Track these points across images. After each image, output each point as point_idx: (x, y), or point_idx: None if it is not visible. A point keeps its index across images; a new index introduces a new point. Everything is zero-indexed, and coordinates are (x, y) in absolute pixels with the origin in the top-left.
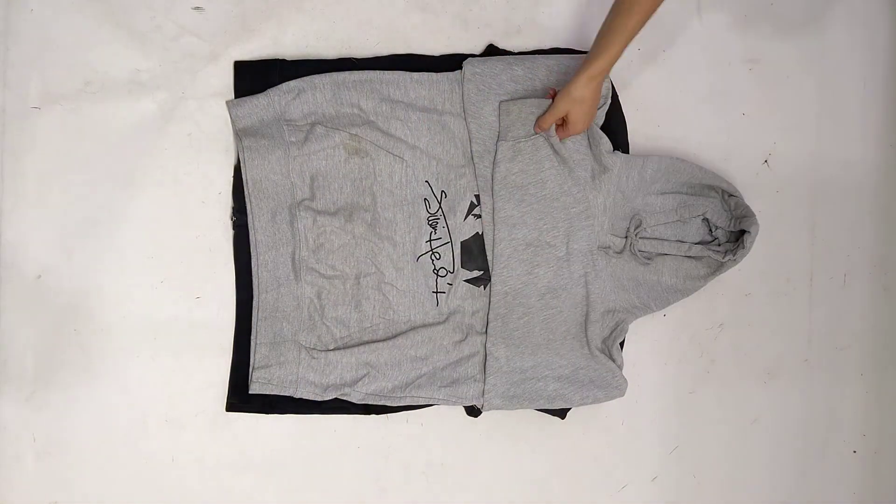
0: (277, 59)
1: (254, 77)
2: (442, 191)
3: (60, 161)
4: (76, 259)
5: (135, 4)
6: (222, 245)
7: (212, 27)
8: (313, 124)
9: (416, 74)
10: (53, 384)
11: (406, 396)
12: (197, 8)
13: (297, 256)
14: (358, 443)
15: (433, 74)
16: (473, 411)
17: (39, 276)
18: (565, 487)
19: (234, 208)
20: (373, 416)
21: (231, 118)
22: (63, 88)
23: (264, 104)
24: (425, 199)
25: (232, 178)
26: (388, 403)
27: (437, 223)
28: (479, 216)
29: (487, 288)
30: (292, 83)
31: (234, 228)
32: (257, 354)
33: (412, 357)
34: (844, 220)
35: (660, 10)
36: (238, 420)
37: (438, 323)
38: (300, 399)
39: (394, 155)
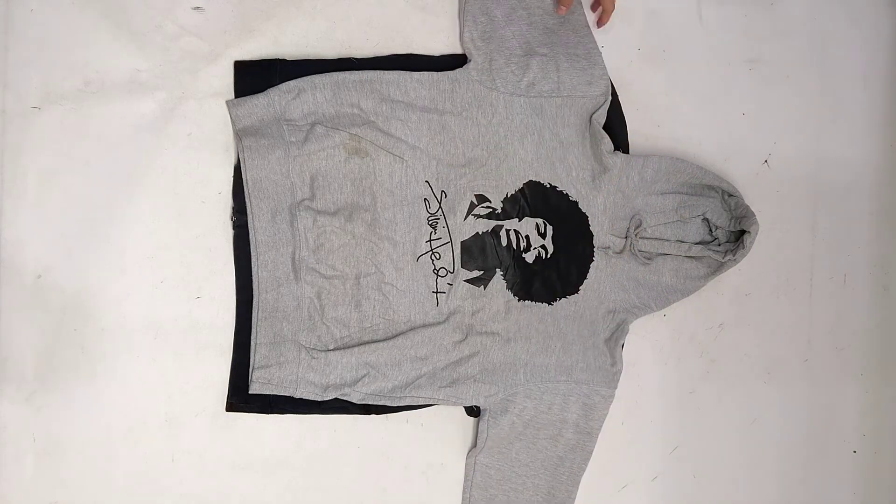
0: (277, 60)
1: (254, 77)
2: (442, 191)
3: (60, 161)
4: (76, 259)
5: (135, 4)
6: (222, 245)
7: (212, 27)
8: (313, 124)
9: (416, 74)
10: (53, 384)
11: (406, 396)
12: (197, 8)
13: (296, 256)
14: (358, 443)
15: (434, 74)
16: (473, 411)
17: (39, 276)
18: None
19: (234, 208)
20: (373, 416)
21: (231, 118)
22: (63, 88)
23: (264, 104)
24: (425, 199)
25: (232, 178)
26: (388, 403)
27: (437, 223)
28: (479, 216)
29: (487, 287)
30: (292, 83)
31: (234, 228)
32: (257, 354)
33: (412, 357)
34: (844, 220)
35: (660, 9)
36: (238, 420)
37: (438, 323)
38: (300, 399)
39: (394, 155)
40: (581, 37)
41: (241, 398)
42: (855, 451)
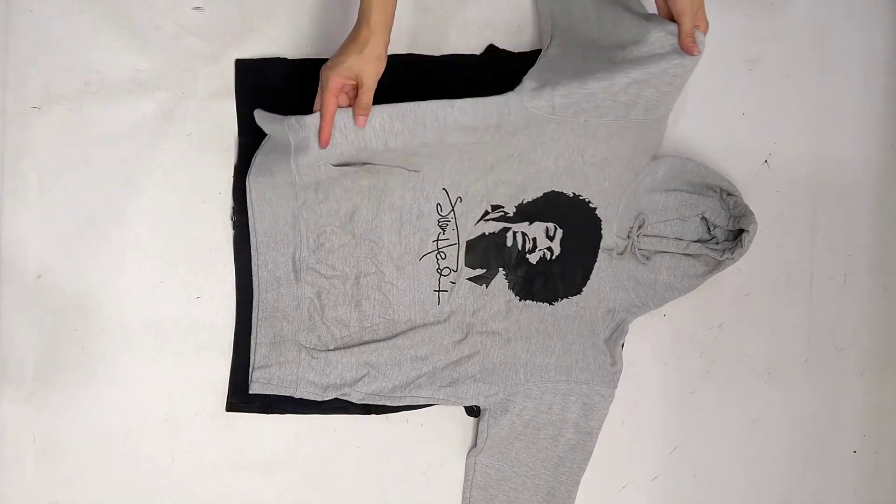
0: (279, 58)
1: (255, 76)
2: (458, 197)
3: (60, 161)
4: (76, 259)
5: (135, 4)
6: (222, 245)
7: (212, 27)
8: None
9: (459, 102)
10: (53, 384)
11: (406, 396)
12: (197, 8)
13: (297, 257)
14: (358, 443)
15: (479, 102)
16: (473, 411)
17: (39, 276)
18: None
19: (234, 208)
20: (373, 416)
21: (259, 124)
22: (63, 88)
23: (283, 131)
24: (438, 203)
25: (232, 178)
26: (388, 403)
27: (447, 226)
28: (489, 221)
29: (489, 286)
30: (315, 119)
31: (234, 228)
32: (257, 354)
33: (412, 357)
34: (844, 220)
35: None
36: (238, 420)
37: (439, 322)
38: (300, 399)
39: (408, 171)
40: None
41: (241, 398)
42: (855, 451)
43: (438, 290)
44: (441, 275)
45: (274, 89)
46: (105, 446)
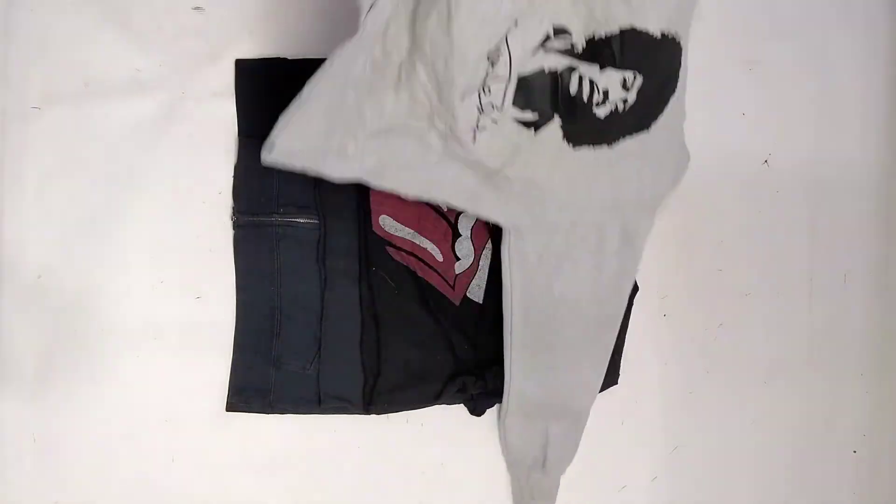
0: (279, 58)
1: (255, 76)
2: (515, 19)
3: (60, 161)
4: (76, 259)
5: (135, 4)
6: (222, 245)
7: (212, 27)
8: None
9: None
10: (53, 384)
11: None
12: (197, 8)
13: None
14: (358, 443)
15: None
16: (475, 411)
17: (39, 276)
18: (565, 487)
19: (234, 208)
20: (373, 416)
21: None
22: (63, 88)
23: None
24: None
25: (232, 179)
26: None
27: (499, 59)
28: (551, 49)
29: (539, 133)
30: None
31: (234, 228)
32: (280, 138)
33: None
34: (844, 220)
35: None
36: (238, 420)
37: (471, 157)
38: (300, 399)
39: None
40: None
41: (242, 398)
42: (855, 451)
43: (476, 128)
44: (481, 112)
45: (274, 89)
46: (105, 446)
